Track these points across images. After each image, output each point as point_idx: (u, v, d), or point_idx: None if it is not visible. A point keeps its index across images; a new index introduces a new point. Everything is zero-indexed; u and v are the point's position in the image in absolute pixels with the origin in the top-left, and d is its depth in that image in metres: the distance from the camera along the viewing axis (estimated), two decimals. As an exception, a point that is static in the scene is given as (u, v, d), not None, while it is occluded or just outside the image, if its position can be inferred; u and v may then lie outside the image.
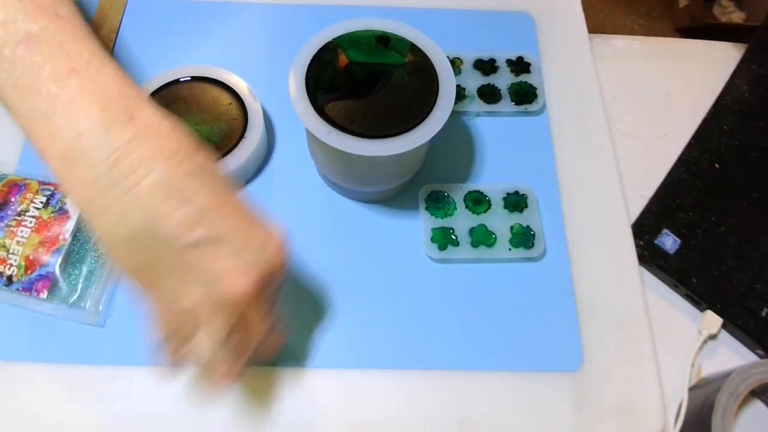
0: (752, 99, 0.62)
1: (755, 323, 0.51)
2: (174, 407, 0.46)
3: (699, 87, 0.65)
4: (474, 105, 0.59)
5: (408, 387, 0.48)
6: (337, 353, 0.49)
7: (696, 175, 0.58)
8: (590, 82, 0.63)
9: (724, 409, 0.45)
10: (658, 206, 0.57)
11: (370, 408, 0.47)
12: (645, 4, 1.24)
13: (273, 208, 0.54)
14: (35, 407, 0.46)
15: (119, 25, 0.63)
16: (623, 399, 0.48)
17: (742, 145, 0.60)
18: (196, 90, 0.55)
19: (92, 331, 0.49)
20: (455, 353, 0.49)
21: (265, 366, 0.48)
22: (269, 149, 0.57)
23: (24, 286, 0.48)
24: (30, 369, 0.47)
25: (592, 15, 0.67)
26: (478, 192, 0.55)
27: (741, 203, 0.57)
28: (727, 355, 0.52)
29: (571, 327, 0.50)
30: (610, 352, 0.50)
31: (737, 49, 0.67)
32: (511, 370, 0.49)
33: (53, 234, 0.50)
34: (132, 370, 0.47)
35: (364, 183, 0.52)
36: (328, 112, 0.45)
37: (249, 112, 0.55)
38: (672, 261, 0.54)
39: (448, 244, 0.52)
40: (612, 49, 0.68)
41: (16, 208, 0.50)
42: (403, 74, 0.47)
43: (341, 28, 0.48)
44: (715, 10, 1.19)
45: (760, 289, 0.53)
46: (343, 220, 0.54)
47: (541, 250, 0.52)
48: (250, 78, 0.57)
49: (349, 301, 0.51)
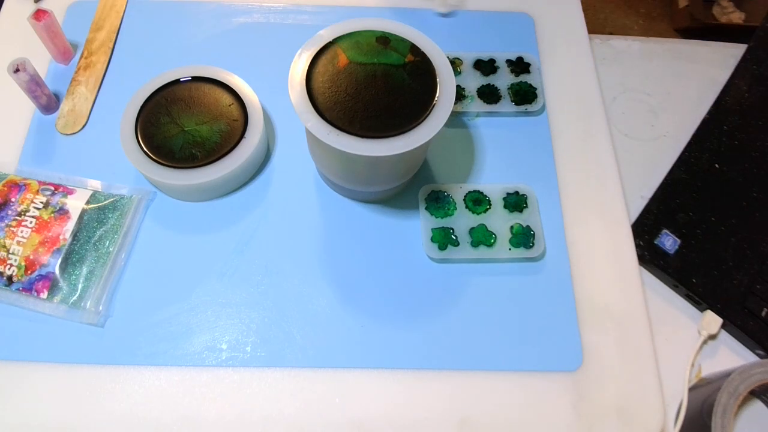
0: (752, 99, 0.62)
1: (755, 323, 0.51)
2: (174, 407, 0.46)
3: (699, 87, 0.65)
4: (474, 105, 0.59)
5: (408, 387, 0.48)
6: (337, 353, 0.49)
7: (696, 175, 0.58)
8: (590, 82, 0.63)
9: (724, 409, 0.45)
10: (658, 206, 0.57)
11: (370, 408, 0.47)
12: (645, 5, 1.24)
13: (273, 208, 0.54)
14: (35, 407, 0.46)
15: (119, 25, 0.63)
16: (623, 399, 0.48)
17: (742, 145, 0.60)
18: (196, 90, 0.55)
19: (92, 331, 0.49)
20: (455, 353, 0.49)
21: (265, 366, 0.48)
22: (269, 149, 0.57)
23: (24, 286, 0.48)
24: (30, 369, 0.47)
25: (592, 15, 0.67)
26: (478, 192, 0.55)
27: (741, 203, 0.57)
28: (727, 355, 0.52)
29: (571, 327, 0.51)
30: (610, 352, 0.50)
31: (737, 49, 0.67)
32: (511, 370, 0.49)
33: (53, 234, 0.50)
34: (132, 370, 0.47)
35: (364, 183, 0.52)
36: (328, 112, 0.45)
37: (249, 113, 0.55)
38: (672, 261, 0.54)
39: (448, 244, 0.52)
40: (612, 49, 0.68)
41: (16, 208, 0.50)
42: (403, 74, 0.47)
43: (341, 28, 0.48)
44: (715, 10, 1.19)
45: (760, 289, 0.53)
46: (343, 220, 0.54)
47: (541, 250, 0.52)
48: (250, 78, 0.57)
49: (349, 301, 0.51)
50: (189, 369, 0.48)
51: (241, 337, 0.49)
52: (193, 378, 0.47)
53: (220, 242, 0.52)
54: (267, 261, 0.52)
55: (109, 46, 0.62)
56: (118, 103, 0.56)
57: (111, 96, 0.59)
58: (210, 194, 0.54)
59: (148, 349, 0.48)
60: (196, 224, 0.53)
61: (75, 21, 0.63)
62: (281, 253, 0.52)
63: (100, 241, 0.51)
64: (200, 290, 0.50)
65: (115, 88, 0.60)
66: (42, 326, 0.48)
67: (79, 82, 0.60)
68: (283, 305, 0.50)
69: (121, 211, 0.52)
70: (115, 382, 0.47)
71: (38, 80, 0.55)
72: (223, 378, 0.48)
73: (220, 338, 0.49)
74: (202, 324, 0.49)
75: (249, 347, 0.49)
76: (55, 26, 0.58)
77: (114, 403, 0.46)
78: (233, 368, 0.48)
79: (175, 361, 0.48)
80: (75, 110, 0.58)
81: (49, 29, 0.58)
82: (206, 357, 0.48)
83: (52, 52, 0.60)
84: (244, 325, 0.49)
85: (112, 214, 0.52)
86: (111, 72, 0.61)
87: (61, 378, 0.47)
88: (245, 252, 0.52)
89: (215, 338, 0.49)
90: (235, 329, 0.49)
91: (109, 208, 0.52)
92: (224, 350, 0.48)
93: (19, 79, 0.54)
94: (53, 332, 0.48)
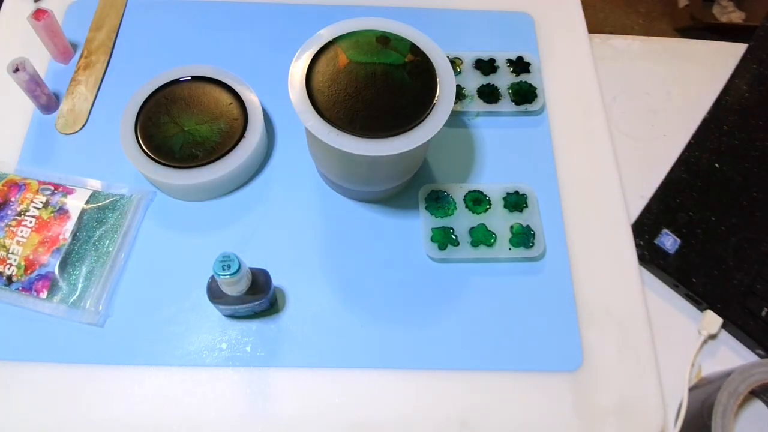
0: (752, 99, 0.62)
1: (755, 323, 0.51)
2: (173, 407, 0.46)
3: (699, 87, 0.65)
4: (474, 105, 0.59)
5: (408, 387, 0.48)
6: (337, 353, 0.49)
7: (696, 175, 0.58)
8: (590, 82, 0.63)
9: (724, 409, 0.45)
10: (658, 206, 0.57)
11: (370, 408, 0.47)
12: (645, 4, 1.24)
13: (273, 208, 0.54)
14: (35, 407, 0.46)
15: (119, 25, 0.63)
16: (623, 399, 0.48)
17: (742, 144, 0.60)
18: (196, 90, 0.55)
19: (92, 331, 0.49)
20: (455, 353, 0.49)
21: (265, 366, 0.48)
22: (269, 149, 0.57)
23: (24, 286, 0.48)
24: (30, 369, 0.47)
25: (592, 15, 0.67)
26: (478, 192, 0.55)
27: (741, 203, 0.57)
28: (727, 355, 0.52)
29: (571, 327, 0.50)
30: (610, 352, 0.50)
31: (737, 49, 0.67)
32: (511, 370, 0.49)
33: (53, 234, 0.50)
34: (132, 370, 0.47)
35: (364, 183, 0.52)
36: (328, 112, 0.45)
37: (249, 112, 0.55)
38: (672, 261, 0.54)
39: (448, 244, 0.52)
40: (612, 49, 0.68)
41: (16, 208, 0.50)
42: (403, 74, 0.47)
43: (341, 28, 0.48)
44: (715, 10, 1.19)
45: (760, 289, 0.53)
46: (343, 220, 0.54)
47: (541, 250, 0.52)
48: (250, 78, 0.57)
49: (349, 301, 0.51)
50: (189, 369, 0.48)
51: (240, 336, 0.49)
52: (193, 378, 0.47)
53: (220, 242, 0.52)
54: (267, 261, 0.52)
55: (109, 46, 0.62)
56: (118, 103, 0.56)
57: (111, 96, 0.59)
58: (210, 194, 0.54)
59: (148, 349, 0.48)
60: (196, 224, 0.53)
61: (75, 21, 0.63)
62: (281, 253, 0.52)
63: (99, 241, 0.51)
64: (200, 290, 0.50)
65: (115, 87, 0.60)
66: (42, 326, 0.48)
67: (78, 81, 0.60)
68: (282, 305, 0.50)
69: (120, 211, 0.52)
70: (115, 382, 0.47)
71: (38, 80, 0.55)
72: (223, 378, 0.48)
73: (220, 338, 0.49)
74: (201, 324, 0.49)
75: (249, 347, 0.49)
76: (55, 26, 0.58)
77: (114, 403, 0.46)
78: (233, 368, 0.48)
79: (175, 361, 0.48)
80: (75, 110, 0.58)
81: (49, 29, 0.58)
82: (206, 357, 0.48)
83: (51, 51, 0.60)
84: (244, 325, 0.49)
85: (111, 214, 0.52)
86: (111, 72, 0.61)
87: (61, 378, 0.47)
88: (245, 252, 0.52)
89: (215, 338, 0.49)
90: (235, 329, 0.49)
91: (108, 208, 0.52)
92: (224, 350, 0.48)
93: (18, 79, 0.54)
94: (53, 332, 0.48)
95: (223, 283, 0.43)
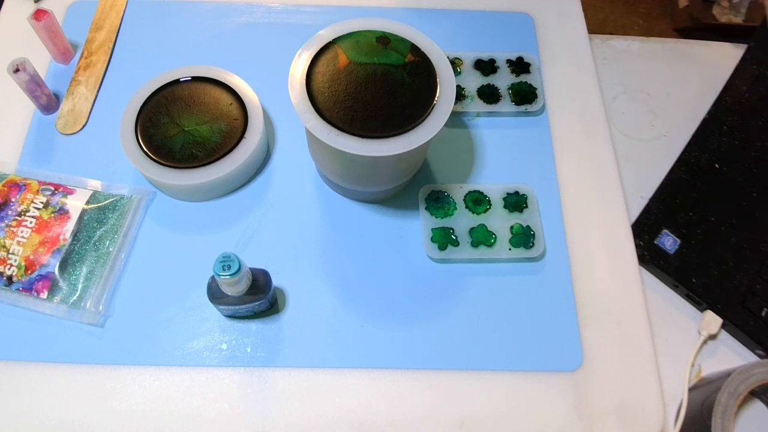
0: (752, 99, 0.62)
1: (755, 323, 0.51)
2: (173, 407, 0.46)
3: (699, 87, 0.65)
4: (474, 105, 0.59)
5: (408, 387, 0.48)
6: (337, 353, 0.49)
7: (696, 175, 0.58)
8: (590, 82, 0.63)
9: (724, 409, 0.45)
10: (658, 206, 0.57)
11: (370, 408, 0.47)
12: (645, 4, 1.23)
13: (273, 208, 0.54)
14: (35, 407, 0.46)
15: (119, 25, 0.63)
16: (623, 399, 0.48)
17: (742, 145, 0.60)
18: (196, 90, 0.55)
19: (92, 331, 0.49)
20: (455, 353, 0.49)
21: (265, 366, 0.48)
22: (269, 149, 0.57)
23: (24, 286, 0.48)
24: (30, 369, 0.47)
25: (592, 15, 0.67)
26: (478, 192, 0.55)
27: (741, 203, 0.57)
28: (727, 355, 0.52)
29: (571, 327, 0.51)
30: (610, 352, 0.50)
31: (737, 49, 0.67)
32: (511, 370, 0.49)
33: (53, 234, 0.50)
34: (132, 370, 0.47)
35: (364, 183, 0.52)
36: (328, 112, 0.45)
37: (249, 113, 0.55)
38: (672, 261, 0.54)
39: (448, 244, 0.52)
40: (612, 49, 0.68)
41: (16, 209, 0.50)
42: (403, 74, 0.47)
43: (341, 28, 0.48)
44: (715, 10, 1.19)
45: (760, 289, 0.53)
46: (343, 220, 0.54)
47: (541, 250, 0.52)
48: (250, 78, 0.57)
49: (349, 301, 0.51)
50: (189, 369, 0.48)
51: (241, 337, 0.49)
52: (193, 378, 0.47)
53: (220, 242, 0.52)
54: (267, 261, 0.52)
55: (109, 46, 0.62)
56: (118, 103, 0.56)
57: (111, 96, 0.59)
58: (210, 194, 0.54)
59: (148, 349, 0.48)
60: (196, 224, 0.53)
61: (75, 21, 0.63)
62: (281, 253, 0.52)
63: (100, 241, 0.51)
64: (200, 290, 0.50)
65: (115, 88, 0.60)
66: (42, 326, 0.48)
67: (79, 82, 0.60)
68: (282, 305, 0.50)
69: (121, 211, 0.52)
70: (115, 382, 0.47)
71: (38, 80, 0.55)
72: (223, 378, 0.48)
73: (220, 338, 0.49)
74: (202, 324, 0.49)
75: (249, 347, 0.49)
76: (55, 26, 0.58)
77: (114, 403, 0.46)
78: (233, 368, 0.48)
79: (175, 361, 0.48)
80: (75, 110, 0.58)
81: (49, 29, 0.58)
82: (206, 357, 0.48)
83: (52, 52, 0.60)
84: (244, 325, 0.49)
85: (112, 214, 0.52)
86: (111, 72, 0.61)
87: (61, 378, 0.47)
88: (245, 252, 0.52)
89: (215, 338, 0.49)
90: (235, 329, 0.49)
91: (109, 208, 0.52)
92: (224, 350, 0.48)
93: (19, 79, 0.54)
94: (53, 332, 0.48)
95: (224, 283, 0.43)
